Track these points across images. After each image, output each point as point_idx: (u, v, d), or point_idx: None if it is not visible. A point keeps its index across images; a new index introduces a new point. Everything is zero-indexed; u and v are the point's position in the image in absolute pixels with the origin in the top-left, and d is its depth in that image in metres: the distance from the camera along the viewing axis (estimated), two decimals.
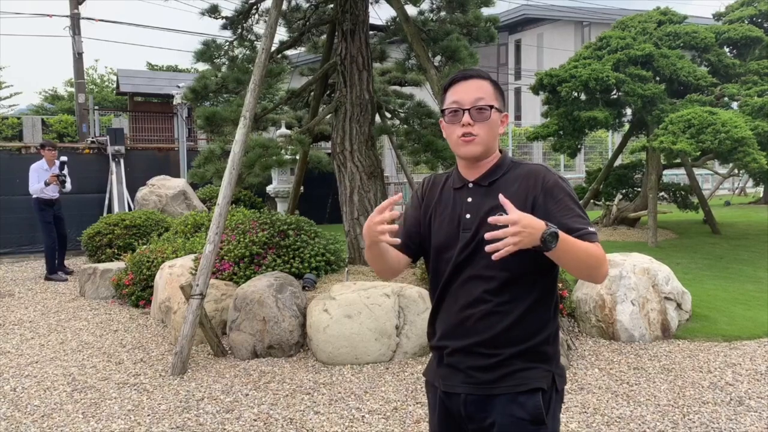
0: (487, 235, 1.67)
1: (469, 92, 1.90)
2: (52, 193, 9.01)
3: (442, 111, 1.97)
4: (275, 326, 5.19)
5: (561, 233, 1.67)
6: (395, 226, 1.80)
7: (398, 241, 1.82)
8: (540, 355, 1.85)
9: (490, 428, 1.83)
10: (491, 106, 1.89)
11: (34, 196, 8.98)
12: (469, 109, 1.89)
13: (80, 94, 18.16)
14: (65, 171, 9.09)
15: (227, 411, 4.14)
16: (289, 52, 8.63)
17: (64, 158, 9.38)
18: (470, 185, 1.94)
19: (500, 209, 1.72)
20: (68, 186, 9.09)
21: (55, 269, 9.11)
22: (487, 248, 1.65)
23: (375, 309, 5.11)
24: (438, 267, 1.96)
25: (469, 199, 1.92)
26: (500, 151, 1.98)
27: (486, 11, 7.82)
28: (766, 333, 5.65)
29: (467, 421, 1.88)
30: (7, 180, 11.51)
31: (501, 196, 1.70)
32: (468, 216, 1.90)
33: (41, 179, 8.87)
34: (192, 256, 6.69)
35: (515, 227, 1.61)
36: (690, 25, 11.14)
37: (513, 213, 1.63)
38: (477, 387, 1.85)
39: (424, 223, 2.01)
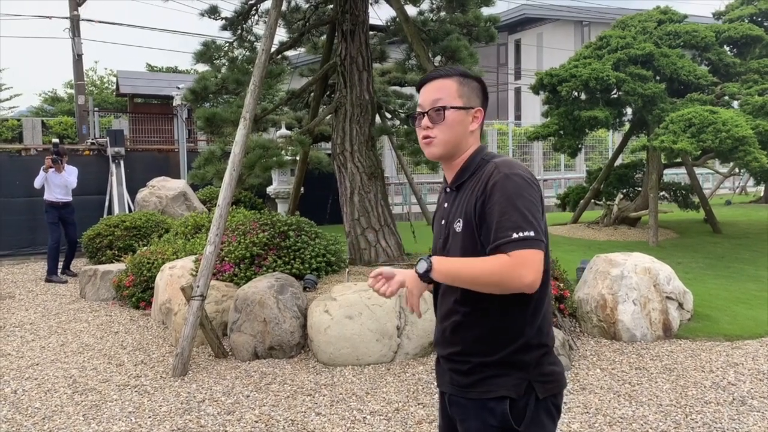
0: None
1: (428, 94, 1.91)
2: (58, 196, 9.04)
3: None
4: (276, 327, 5.18)
5: (438, 261, 1.76)
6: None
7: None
8: (513, 364, 1.80)
9: (468, 430, 1.87)
10: (445, 107, 1.86)
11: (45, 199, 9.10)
12: (427, 112, 1.90)
13: (80, 96, 18.16)
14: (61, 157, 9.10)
15: (228, 412, 4.13)
16: (288, 53, 8.63)
17: (55, 140, 9.49)
18: (447, 190, 1.97)
19: (459, 215, 1.83)
20: (69, 174, 9.09)
21: (55, 270, 9.11)
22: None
23: (376, 310, 5.10)
24: None
25: (446, 205, 1.96)
26: (480, 147, 1.94)
27: (486, 11, 7.82)
28: None
29: (456, 421, 1.92)
30: (7, 182, 11.50)
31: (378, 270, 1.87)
32: (443, 222, 1.94)
33: (46, 180, 8.96)
34: (192, 257, 6.69)
35: (382, 277, 1.85)
36: (690, 24, 11.13)
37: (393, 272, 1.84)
38: (456, 389, 1.88)
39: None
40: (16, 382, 4.85)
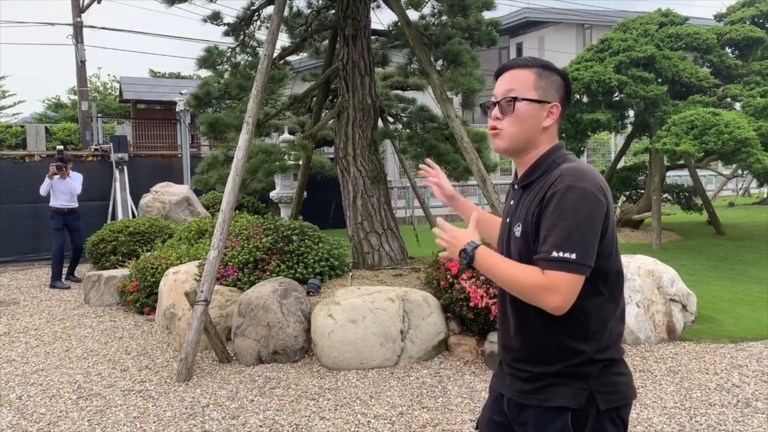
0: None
1: (502, 84, 1.83)
2: (63, 202, 9.09)
3: None
4: (280, 332, 5.19)
5: (480, 256, 1.72)
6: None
7: None
8: (575, 375, 1.74)
9: None
10: (516, 98, 1.77)
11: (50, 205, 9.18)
12: (498, 102, 1.82)
13: (83, 102, 18.24)
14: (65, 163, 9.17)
15: (233, 417, 4.14)
16: (291, 58, 8.65)
17: (60, 147, 9.57)
18: (516, 187, 1.89)
19: (519, 220, 1.78)
20: (74, 180, 9.14)
21: (59, 276, 9.14)
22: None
23: (379, 313, 5.10)
24: None
25: (512, 202, 1.89)
26: (556, 145, 1.85)
27: (487, 15, 7.83)
28: None
29: (513, 422, 1.89)
30: (11, 188, 11.54)
31: (438, 220, 1.86)
32: (508, 220, 1.89)
33: (51, 186, 9.02)
34: (196, 262, 6.70)
35: (444, 234, 1.79)
36: (691, 27, 11.14)
37: (450, 230, 1.78)
38: (517, 394, 1.84)
39: None
40: (21, 387, 4.87)
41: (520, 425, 1.84)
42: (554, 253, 1.62)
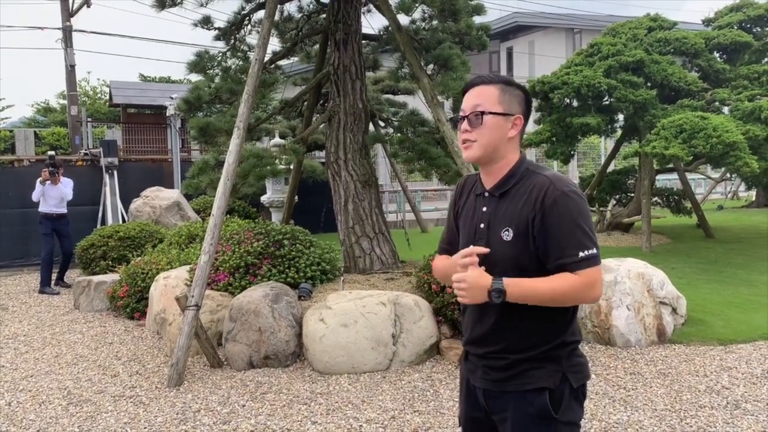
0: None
1: (470, 99, 1.98)
2: (52, 208, 9.06)
3: None
4: (271, 336, 5.17)
5: (510, 287, 1.81)
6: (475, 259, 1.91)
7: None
8: (549, 358, 1.91)
9: (506, 420, 1.95)
10: (483, 112, 1.93)
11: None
12: (467, 116, 1.96)
13: (73, 107, 18.16)
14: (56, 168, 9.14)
15: (224, 422, 4.13)
16: (282, 62, 8.65)
17: (51, 152, 9.54)
18: (486, 194, 2.01)
19: (509, 223, 1.89)
20: (65, 185, 9.11)
21: (48, 282, 9.09)
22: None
23: (371, 317, 5.10)
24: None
25: (484, 209, 2.00)
26: (523, 156, 2.01)
27: (478, 19, 7.85)
28: (762, 336, 5.67)
29: (489, 412, 2.01)
30: None
31: (472, 248, 1.90)
32: (482, 226, 1.99)
33: (42, 192, 8.99)
34: (187, 267, 6.68)
35: (460, 284, 1.85)
36: (680, 31, 11.23)
37: (462, 273, 1.85)
38: (492, 383, 1.97)
39: (458, 225, 2.13)
40: (11, 394, 4.83)
41: (498, 413, 1.96)
42: (581, 254, 1.81)
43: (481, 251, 1.89)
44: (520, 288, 1.82)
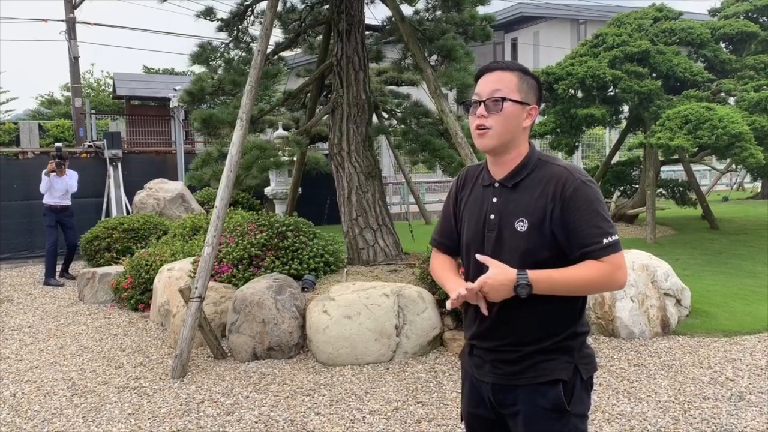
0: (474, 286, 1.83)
1: (488, 84, 1.91)
2: (57, 199, 9.09)
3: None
4: (275, 328, 5.18)
5: (536, 279, 1.78)
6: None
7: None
8: (562, 349, 1.89)
9: (517, 414, 1.92)
10: (504, 98, 1.87)
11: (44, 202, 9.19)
12: (484, 101, 1.90)
13: (77, 99, 18.17)
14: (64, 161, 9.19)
15: (228, 413, 4.14)
16: (285, 54, 8.61)
17: (58, 144, 9.58)
18: (496, 185, 1.96)
19: (523, 214, 1.86)
20: (70, 178, 9.14)
21: (53, 273, 9.12)
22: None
23: (374, 309, 5.10)
24: (468, 263, 2.01)
25: (494, 199, 1.95)
26: (533, 146, 1.97)
27: (482, 10, 7.79)
28: (766, 327, 5.65)
29: (497, 407, 1.97)
30: (4, 185, 11.49)
31: (479, 257, 1.86)
32: (492, 217, 1.94)
33: (49, 183, 9.04)
34: (191, 258, 6.69)
35: (486, 287, 1.81)
36: (685, 21, 11.15)
37: (481, 279, 1.80)
38: (502, 377, 1.93)
39: (458, 217, 2.07)
40: (15, 385, 4.85)
41: (508, 407, 1.93)
42: (605, 240, 1.80)
43: (476, 287, 1.83)
44: (549, 280, 1.80)
